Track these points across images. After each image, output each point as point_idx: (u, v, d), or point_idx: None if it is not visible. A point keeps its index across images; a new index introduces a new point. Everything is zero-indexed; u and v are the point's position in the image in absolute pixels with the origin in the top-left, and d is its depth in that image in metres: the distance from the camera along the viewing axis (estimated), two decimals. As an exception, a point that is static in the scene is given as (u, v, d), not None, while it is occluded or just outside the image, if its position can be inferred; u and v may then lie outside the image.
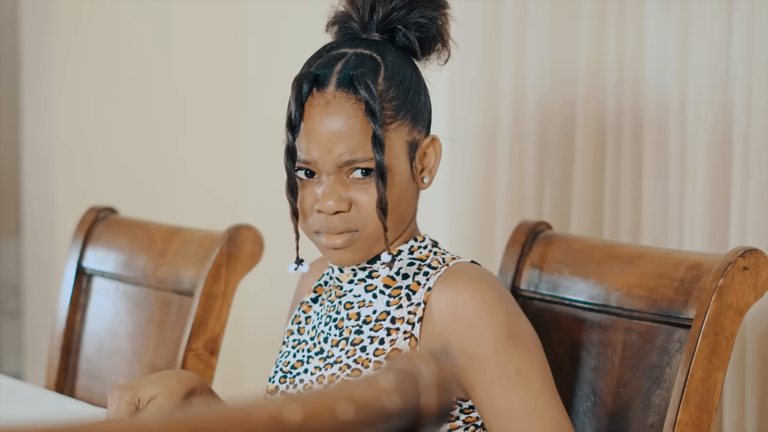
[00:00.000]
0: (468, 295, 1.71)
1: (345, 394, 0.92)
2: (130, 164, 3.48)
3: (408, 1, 1.79)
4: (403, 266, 1.78)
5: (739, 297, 1.74)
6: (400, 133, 1.74)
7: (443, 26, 1.81)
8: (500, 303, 1.72)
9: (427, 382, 0.95)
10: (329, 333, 1.80)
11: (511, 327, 1.71)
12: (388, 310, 1.76)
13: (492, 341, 1.69)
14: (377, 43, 1.78)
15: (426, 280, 1.75)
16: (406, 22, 1.79)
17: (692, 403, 1.72)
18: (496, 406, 1.69)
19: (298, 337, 1.85)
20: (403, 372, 0.96)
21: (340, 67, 1.73)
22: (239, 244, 2.18)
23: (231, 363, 3.28)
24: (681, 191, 2.40)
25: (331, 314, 1.81)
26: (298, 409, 0.90)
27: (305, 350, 1.83)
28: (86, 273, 2.43)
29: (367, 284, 1.79)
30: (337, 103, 1.72)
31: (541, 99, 2.63)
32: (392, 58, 1.76)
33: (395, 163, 1.73)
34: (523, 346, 1.71)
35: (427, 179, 1.79)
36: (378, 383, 0.94)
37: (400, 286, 1.76)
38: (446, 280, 1.73)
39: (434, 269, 1.76)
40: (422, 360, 0.96)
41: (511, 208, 2.66)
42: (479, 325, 1.70)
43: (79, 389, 2.40)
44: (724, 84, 2.33)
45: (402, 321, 1.74)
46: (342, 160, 1.71)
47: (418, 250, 1.79)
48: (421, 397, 0.95)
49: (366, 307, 1.78)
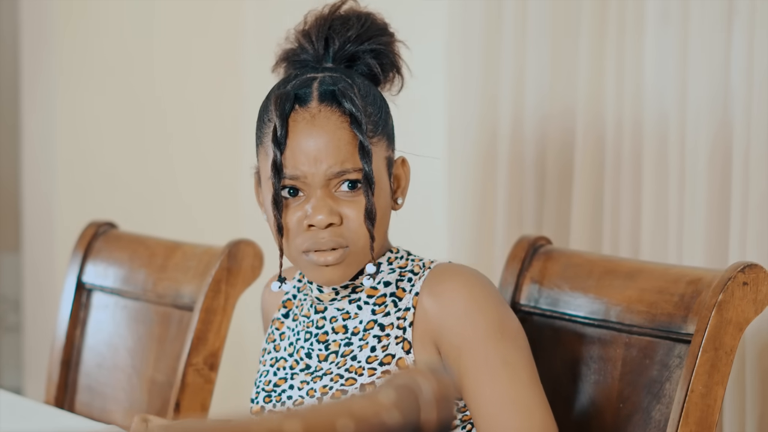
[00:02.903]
0: (456, 292, 1.74)
1: (345, 410, 0.92)
2: (130, 179, 3.48)
3: (362, 31, 1.82)
4: (384, 275, 1.80)
5: (739, 312, 1.74)
6: (380, 147, 1.77)
7: (396, 54, 1.85)
8: (488, 297, 1.75)
9: (427, 397, 0.95)
10: (311, 348, 1.81)
11: (499, 320, 1.74)
12: (375, 319, 1.78)
13: (481, 333, 1.72)
14: (339, 69, 1.81)
15: (411, 285, 1.77)
16: (362, 50, 1.82)
17: (692, 419, 1.72)
18: (482, 396, 1.72)
19: (275, 355, 1.86)
20: (403, 387, 0.95)
21: (317, 85, 1.76)
22: (239, 259, 2.18)
23: (231, 378, 3.28)
24: (681, 206, 2.40)
25: (311, 329, 1.82)
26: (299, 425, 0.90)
27: (286, 367, 1.83)
28: (86, 288, 2.43)
29: (350, 298, 1.80)
30: (322, 117, 1.74)
31: (541, 114, 2.63)
32: (360, 80, 1.79)
33: (380, 176, 1.76)
34: (511, 339, 1.74)
35: (400, 200, 1.82)
36: (378, 399, 0.94)
37: (384, 294, 1.78)
38: (433, 281, 1.76)
39: (416, 275, 1.79)
40: (422, 376, 0.96)
41: (510, 223, 2.67)
42: (468, 318, 1.73)
43: (78, 404, 2.40)
44: (723, 99, 2.34)
45: (392, 327, 1.76)
46: (332, 172, 1.73)
47: (396, 260, 1.81)
48: (421, 413, 0.95)
49: (352, 319, 1.79)
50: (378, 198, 1.75)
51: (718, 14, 2.33)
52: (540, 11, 2.62)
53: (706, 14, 2.34)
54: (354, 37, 1.81)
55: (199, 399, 2.15)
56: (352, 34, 1.81)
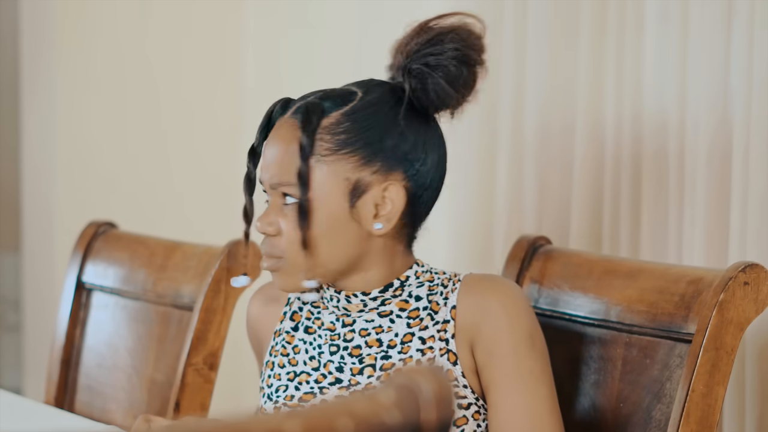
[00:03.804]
0: (495, 299, 1.76)
1: (345, 410, 0.92)
2: (130, 179, 3.48)
3: (421, 47, 1.77)
4: (413, 289, 1.79)
5: (740, 312, 1.74)
6: (338, 167, 1.74)
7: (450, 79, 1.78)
8: (524, 306, 1.77)
9: (426, 397, 0.95)
10: (343, 362, 1.79)
11: (532, 330, 1.77)
12: (412, 332, 1.78)
13: (514, 340, 1.75)
14: (379, 84, 1.78)
15: (444, 299, 1.78)
16: (417, 66, 1.77)
17: (693, 418, 1.72)
18: (503, 402, 1.74)
19: (292, 369, 1.82)
20: (403, 387, 0.95)
21: (310, 98, 1.77)
22: (239, 258, 2.18)
23: (230, 378, 3.27)
24: (680, 206, 2.40)
25: (337, 342, 1.80)
26: (299, 425, 0.90)
27: (311, 381, 1.80)
28: (86, 287, 2.43)
29: (379, 311, 1.79)
30: (284, 128, 1.77)
31: (541, 114, 2.63)
32: (374, 96, 1.76)
33: (322, 198, 1.74)
34: (540, 351, 1.77)
35: (380, 225, 1.75)
36: (378, 399, 0.94)
37: (417, 308, 1.78)
38: (469, 292, 1.77)
39: (446, 287, 1.79)
40: (422, 375, 0.96)
41: (510, 222, 2.66)
42: (504, 325, 1.75)
43: (78, 404, 2.40)
44: (723, 99, 2.34)
45: (433, 339, 1.77)
46: (272, 182, 1.77)
47: (423, 274, 1.81)
48: (421, 413, 0.95)
49: (386, 332, 1.78)
50: (321, 217, 1.73)
51: (717, 14, 2.32)
52: (540, 11, 2.62)
53: (705, 14, 2.34)
54: (412, 53, 1.78)
55: (199, 399, 2.15)
56: (411, 49, 1.78)
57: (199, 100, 3.55)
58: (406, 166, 1.76)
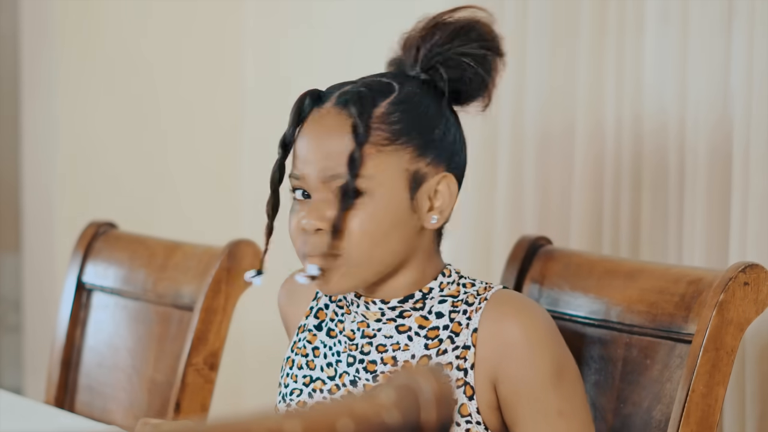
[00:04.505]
0: (518, 332, 1.66)
1: (345, 410, 0.92)
2: (131, 179, 3.48)
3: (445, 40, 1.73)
4: (435, 304, 1.71)
5: (740, 312, 1.74)
6: (397, 158, 1.66)
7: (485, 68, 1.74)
8: (549, 339, 1.68)
9: (426, 397, 0.95)
10: (358, 376, 1.72)
11: (558, 364, 1.68)
12: (429, 354, 1.69)
13: (540, 380, 1.66)
14: (410, 77, 1.72)
15: (467, 319, 1.68)
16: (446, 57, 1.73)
17: (693, 419, 1.72)
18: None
19: (308, 373, 1.76)
20: (403, 387, 0.95)
21: (349, 87, 1.69)
22: (239, 258, 2.18)
23: (231, 378, 3.27)
24: (680, 206, 2.40)
25: (354, 354, 1.73)
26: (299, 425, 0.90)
27: (324, 390, 1.74)
28: (86, 288, 2.43)
29: (398, 324, 1.71)
30: (329, 118, 1.67)
31: (541, 114, 2.63)
32: (411, 88, 1.70)
33: (382, 189, 1.65)
34: (569, 383, 1.68)
35: (435, 219, 1.69)
36: (378, 399, 0.94)
37: (437, 326, 1.69)
38: (491, 317, 1.68)
39: (471, 305, 1.70)
40: (422, 375, 0.96)
41: (511, 223, 2.66)
42: (528, 364, 1.66)
43: (78, 404, 2.40)
44: (723, 99, 2.34)
45: (451, 367, 1.68)
46: (326, 174, 1.65)
47: (447, 287, 1.72)
48: (421, 413, 0.95)
49: (402, 351, 1.70)
50: (378, 211, 1.65)
51: (717, 14, 2.33)
52: (540, 11, 2.62)
53: (705, 14, 2.34)
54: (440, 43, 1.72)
55: (199, 399, 2.15)
56: (437, 40, 1.72)
57: (199, 100, 3.55)
58: (451, 157, 1.72)
